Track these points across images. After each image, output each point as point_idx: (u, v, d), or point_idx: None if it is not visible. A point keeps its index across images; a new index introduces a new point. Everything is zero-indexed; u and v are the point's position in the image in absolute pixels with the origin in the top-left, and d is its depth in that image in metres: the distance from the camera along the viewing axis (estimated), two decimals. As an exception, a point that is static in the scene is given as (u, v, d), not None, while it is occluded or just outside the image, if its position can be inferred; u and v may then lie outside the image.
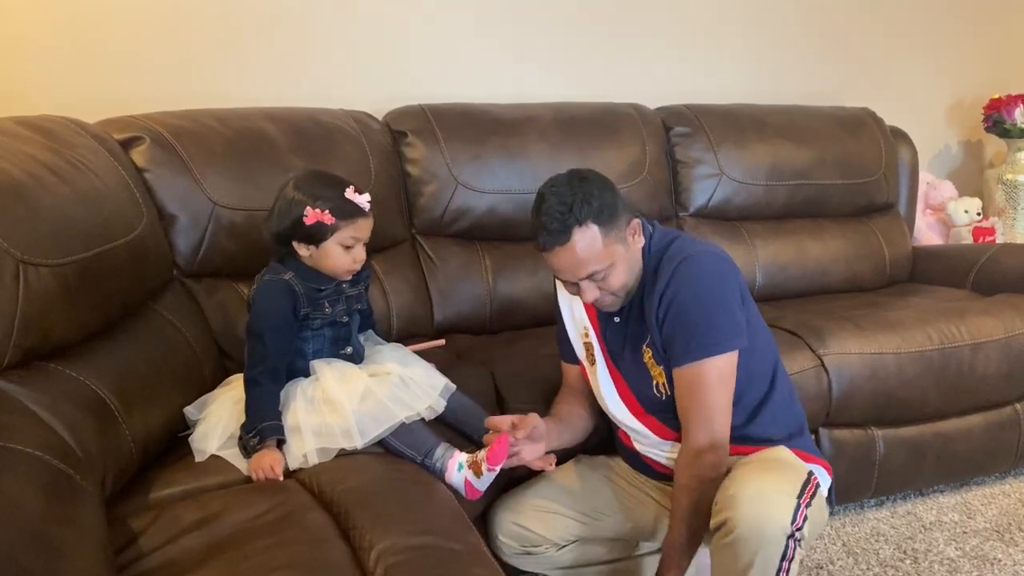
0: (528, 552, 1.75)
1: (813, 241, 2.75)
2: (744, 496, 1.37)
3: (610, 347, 1.65)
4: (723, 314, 1.50)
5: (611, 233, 1.48)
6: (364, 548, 1.21)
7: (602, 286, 1.51)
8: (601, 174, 1.54)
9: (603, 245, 1.47)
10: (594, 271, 1.49)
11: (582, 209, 1.45)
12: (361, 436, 1.49)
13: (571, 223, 1.45)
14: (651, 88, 2.81)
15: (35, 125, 1.65)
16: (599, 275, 1.49)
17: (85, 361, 1.44)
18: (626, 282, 1.53)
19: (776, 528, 1.34)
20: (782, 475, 1.44)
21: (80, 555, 1.06)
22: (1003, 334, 2.19)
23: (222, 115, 2.10)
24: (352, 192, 1.55)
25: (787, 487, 1.39)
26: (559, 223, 1.45)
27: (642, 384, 1.61)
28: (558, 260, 1.49)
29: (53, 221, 1.42)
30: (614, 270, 1.50)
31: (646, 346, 1.58)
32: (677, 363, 1.51)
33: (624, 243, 1.51)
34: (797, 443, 1.61)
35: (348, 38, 2.51)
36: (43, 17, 2.17)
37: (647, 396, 1.61)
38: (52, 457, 1.19)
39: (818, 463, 1.62)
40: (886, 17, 3.24)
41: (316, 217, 1.51)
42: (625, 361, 1.63)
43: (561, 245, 1.46)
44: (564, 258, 1.48)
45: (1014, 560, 2.01)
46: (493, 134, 2.40)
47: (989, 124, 3.26)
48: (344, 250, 1.56)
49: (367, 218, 1.58)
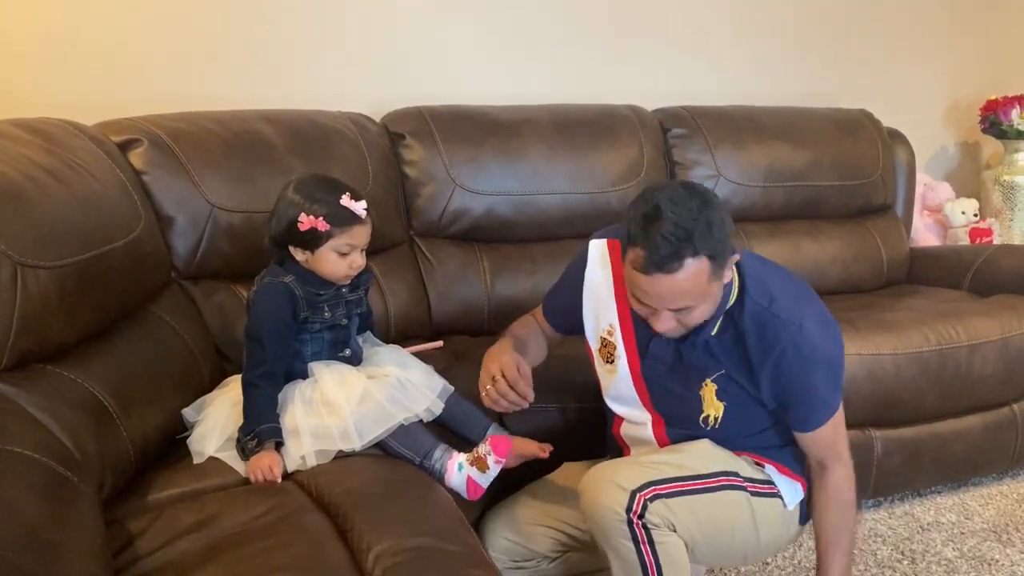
0: (520, 567, 1.73)
1: (810, 242, 2.76)
2: (584, 488, 1.44)
3: (650, 364, 1.55)
4: (840, 377, 1.52)
5: (719, 271, 1.34)
6: (362, 550, 1.21)
7: (681, 319, 1.39)
8: (716, 196, 1.39)
9: (707, 282, 1.33)
10: (686, 308, 1.36)
11: (703, 240, 1.28)
12: (359, 438, 1.49)
13: (686, 253, 1.28)
14: (648, 90, 2.81)
15: (33, 127, 1.65)
16: (687, 309, 1.37)
17: (83, 363, 1.44)
18: (705, 318, 1.42)
19: (609, 514, 1.38)
20: (634, 468, 1.46)
21: (78, 557, 1.06)
22: (1000, 335, 2.20)
23: (220, 117, 2.10)
24: (348, 199, 1.53)
25: (625, 479, 1.41)
26: (672, 249, 1.27)
27: (678, 409, 1.56)
28: (652, 285, 1.32)
29: (51, 223, 1.42)
30: (703, 305, 1.38)
31: (711, 380, 1.50)
32: (806, 428, 1.52)
33: (722, 280, 1.38)
34: (770, 455, 1.59)
35: (346, 40, 2.51)
36: (41, 19, 2.17)
37: (681, 420, 1.56)
38: (50, 459, 1.19)
39: (793, 478, 1.59)
40: (883, 19, 3.24)
41: (310, 223, 1.50)
42: (665, 384, 1.55)
43: (666, 273, 1.30)
44: (662, 286, 1.31)
45: (1011, 560, 2.01)
46: (491, 136, 2.40)
47: (986, 125, 3.26)
48: (340, 256, 1.55)
49: (363, 225, 1.56)
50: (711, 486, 1.48)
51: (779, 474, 1.57)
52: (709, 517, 1.47)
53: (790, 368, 1.44)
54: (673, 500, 1.42)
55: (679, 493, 1.43)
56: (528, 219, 2.43)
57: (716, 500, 1.48)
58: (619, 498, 1.38)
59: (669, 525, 1.41)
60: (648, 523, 1.38)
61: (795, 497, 1.58)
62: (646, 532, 1.39)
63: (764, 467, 1.57)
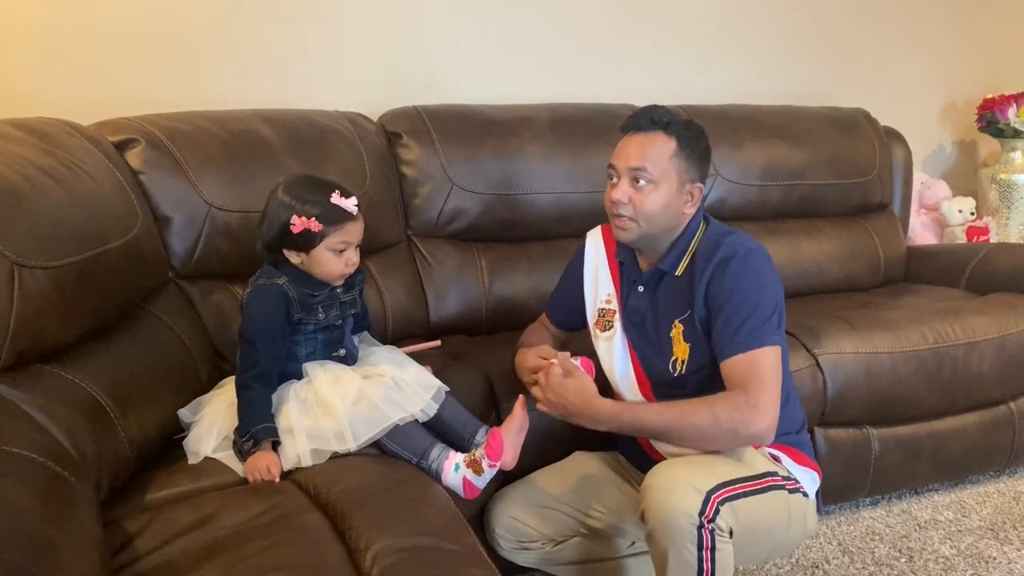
0: (525, 547, 1.76)
1: (808, 241, 2.76)
2: (654, 486, 1.43)
3: (630, 316, 1.68)
4: (774, 312, 1.52)
5: (679, 165, 1.56)
6: (360, 549, 1.21)
7: (635, 197, 1.56)
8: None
9: (668, 163, 1.55)
10: (643, 169, 1.55)
11: (679, 127, 1.57)
12: (354, 438, 1.49)
13: (665, 124, 1.56)
14: (645, 89, 2.81)
15: (29, 127, 1.65)
16: (642, 180, 1.55)
17: (80, 363, 1.44)
18: (654, 215, 1.57)
19: (682, 518, 1.38)
20: (702, 467, 1.46)
21: (75, 558, 1.05)
22: (997, 333, 2.20)
23: (217, 117, 2.10)
24: (338, 196, 1.53)
25: (699, 480, 1.42)
26: (657, 118, 1.57)
27: (656, 358, 1.62)
28: (625, 146, 1.59)
29: (48, 223, 1.41)
30: (655, 191, 1.55)
31: (679, 321, 1.59)
32: (729, 353, 1.50)
33: (680, 184, 1.57)
34: (789, 440, 1.62)
35: (343, 39, 2.51)
36: (37, 19, 2.17)
37: (658, 371, 1.62)
38: (47, 459, 1.19)
39: (809, 466, 1.63)
40: (880, 18, 3.25)
41: (303, 225, 1.50)
42: (643, 332, 1.65)
43: (643, 132, 1.58)
44: (632, 143, 1.58)
45: (1009, 558, 2.02)
46: (488, 135, 2.40)
47: (983, 124, 3.27)
48: (336, 255, 1.55)
49: (356, 221, 1.56)
50: (764, 486, 1.49)
51: (795, 464, 1.59)
52: (760, 518, 1.48)
53: (721, 276, 1.52)
54: (738, 502, 1.43)
55: (743, 494, 1.44)
56: (525, 218, 2.43)
57: (767, 501, 1.50)
58: (694, 501, 1.39)
59: (730, 530, 1.41)
60: (716, 528, 1.39)
61: (813, 486, 1.61)
62: (711, 538, 1.39)
63: (781, 459, 1.58)
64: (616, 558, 1.80)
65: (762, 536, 1.52)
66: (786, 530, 1.55)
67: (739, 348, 1.49)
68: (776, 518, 1.53)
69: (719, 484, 1.42)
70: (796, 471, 1.58)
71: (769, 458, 1.57)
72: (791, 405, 1.66)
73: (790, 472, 1.58)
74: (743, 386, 1.47)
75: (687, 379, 1.59)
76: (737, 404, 1.46)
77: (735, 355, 1.49)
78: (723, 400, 1.48)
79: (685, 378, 1.59)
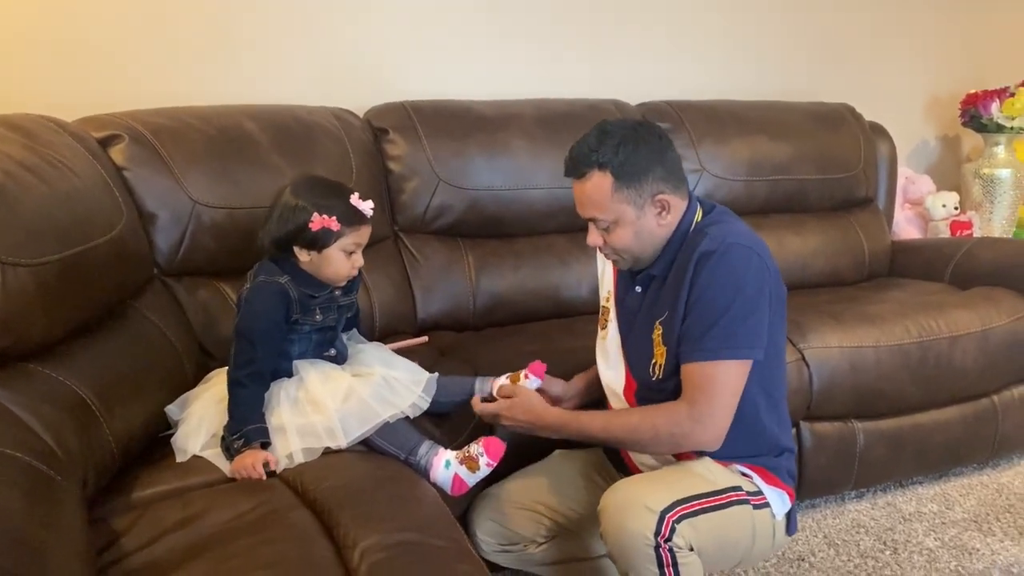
0: (506, 550, 1.75)
1: (793, 236, 2.77)
2: (609, 508, 1.42)
3: (623, 316, 1.65)
4: (748, 319, 1.44)
5: (624, 192, 1.47)
6: (348, 546, 1.21)
7: (607, 238, 1.53)
8: (667, 137, 1.55)
9: (611, 199, 1.47)
10: (594, 218, 1.51)
11: (605, 155, 1.46)
12: (345, 435, 1.49)
13: (590, 162, 1.47)
14: (632, 85, 2.81)
15: (12, 124, 1.63)
16: (601, 224, 1.51)
17: (65, 361, 1.43)
18: (631, 248, 1.53)
19: (637, 540, 1.36)
20: (659, 485, 1.44)
21: (61, 556, 1.05)
22: (980, 327, 2.22)
23: (202, 113, 2.09)
24: (356, 199, 1.56)
25: (653, 499, 1.39)
26: (581, 158, 1.48)
27: (640, 360, 1.58)
28: (575, 192, 1.53)
29: (31, 221, 1.40)
30: (618, 228, 1.50)
31: (660, 322, 1.53)
32: (688, 358, 1.45)
33: (639, 209, 1.49)
34: (765, 462, 1.57)
35: (329, 35, 2.50)
36: (21, 15, 2.15)
37: (642, 375, 1.58)
38: (32, 458, 1.18)
39: (781, 488, 1.57)
40: (865, 14, 3.26)
41: (323, 223, 1.51)
42: (633, 333, 1.62)
43: (576, 178, 1.51)
44: (577, 192, 1.52)
45: (992, 549, 2.04)
46: (475, 131, 2.40)
47: (966, 119, 3.29)
48: (346, 256, 1.56)
49: (368, 225, 1.59)
50: (724, 502, 1.47)
51: (766, 484, 1.54)
52: (723, 533, 1.47)
53: (699, 274, 1.45)
54: (698, 518, 1.41)
55: (702, 511, 1.42)
56: (512, 214, 2.43)
57: (729, 516, 1.47)
58: (648, 521, 1.36)
59: (690, 546, 1.40)
60: (674, 546, 1.37)
61: (782, 507, 1.56)
62: (671, 555, 1.38)
63: (752, 477, 1.54)
64: (595, 558, 1.79)
65: (727, 548, 1.50)
66: (751, 545, 1.52)
67: (698, 356, 1.44)
68: (740, 533, 1.50)
69: (675, 502, 1.39)
70: (766, 490, 1.54)
71: (738, 474, 1.53)
72: (781, 428, 1.60)
73: (759, 488, 1.53)
74: (690, 398, 1.44)
75: (665, 384, 1.52)
76: (678, 419, 1.44)
77: (694, 361, 1.44)
78: (665, 414, 1.46)
79: (663, 383, 1.53)
